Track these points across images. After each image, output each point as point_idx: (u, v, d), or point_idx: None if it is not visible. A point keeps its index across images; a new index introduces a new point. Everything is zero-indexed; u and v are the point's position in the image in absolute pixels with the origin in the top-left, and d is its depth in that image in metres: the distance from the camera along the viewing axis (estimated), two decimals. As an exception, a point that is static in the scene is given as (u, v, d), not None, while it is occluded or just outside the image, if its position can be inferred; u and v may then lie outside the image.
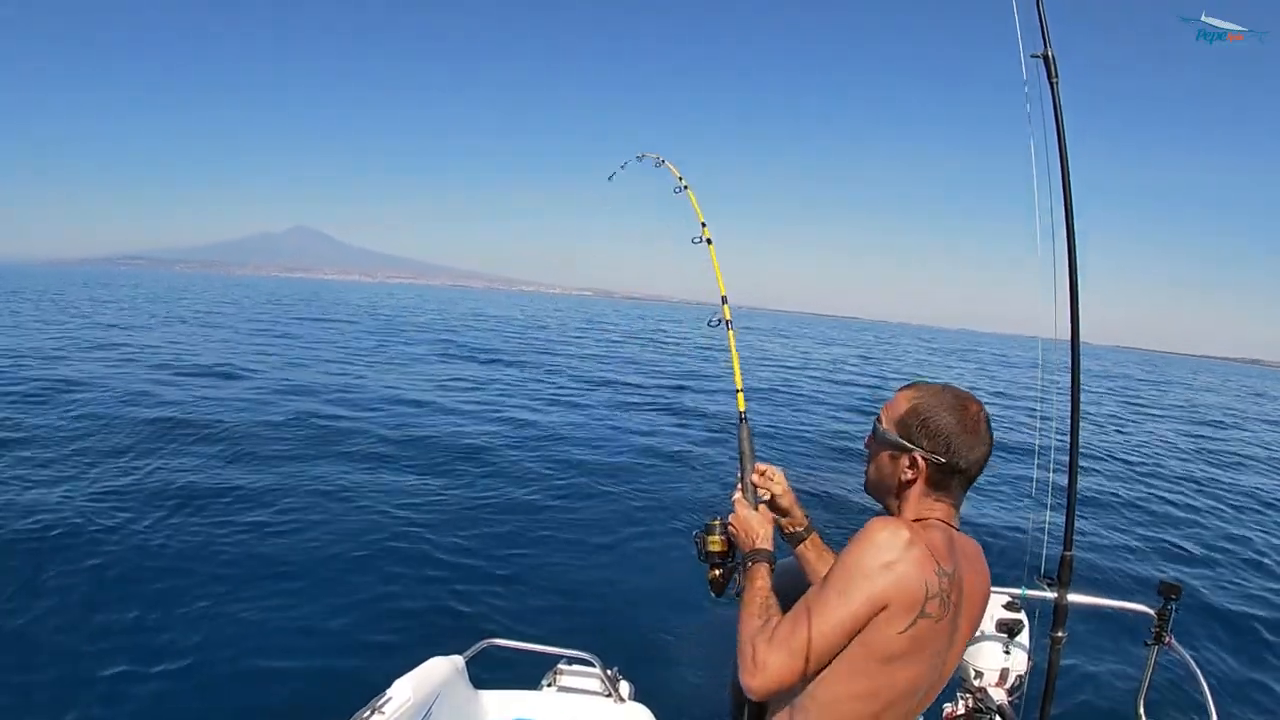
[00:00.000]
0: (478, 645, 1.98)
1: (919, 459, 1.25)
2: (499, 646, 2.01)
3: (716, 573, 1.56)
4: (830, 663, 1.17)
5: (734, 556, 1.54)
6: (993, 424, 1.29)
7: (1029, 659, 2.11)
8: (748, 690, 1.21)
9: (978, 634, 2.08)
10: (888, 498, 1.34)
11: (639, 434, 9.13)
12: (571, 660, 2.08)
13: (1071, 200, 1.93)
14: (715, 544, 1.55)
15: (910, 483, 1.27)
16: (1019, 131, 1.93)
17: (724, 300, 1.92)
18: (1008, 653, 2.08)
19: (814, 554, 1.64)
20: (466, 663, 1.90)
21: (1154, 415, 17.68)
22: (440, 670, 1.77)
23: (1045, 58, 1.92)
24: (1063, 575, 2.04)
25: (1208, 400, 25.98)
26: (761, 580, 1.37)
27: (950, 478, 1.25)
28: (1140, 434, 13.51)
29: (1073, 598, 2.05)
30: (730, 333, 1.90)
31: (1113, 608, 2.17)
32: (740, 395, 1.80)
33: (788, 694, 1.24)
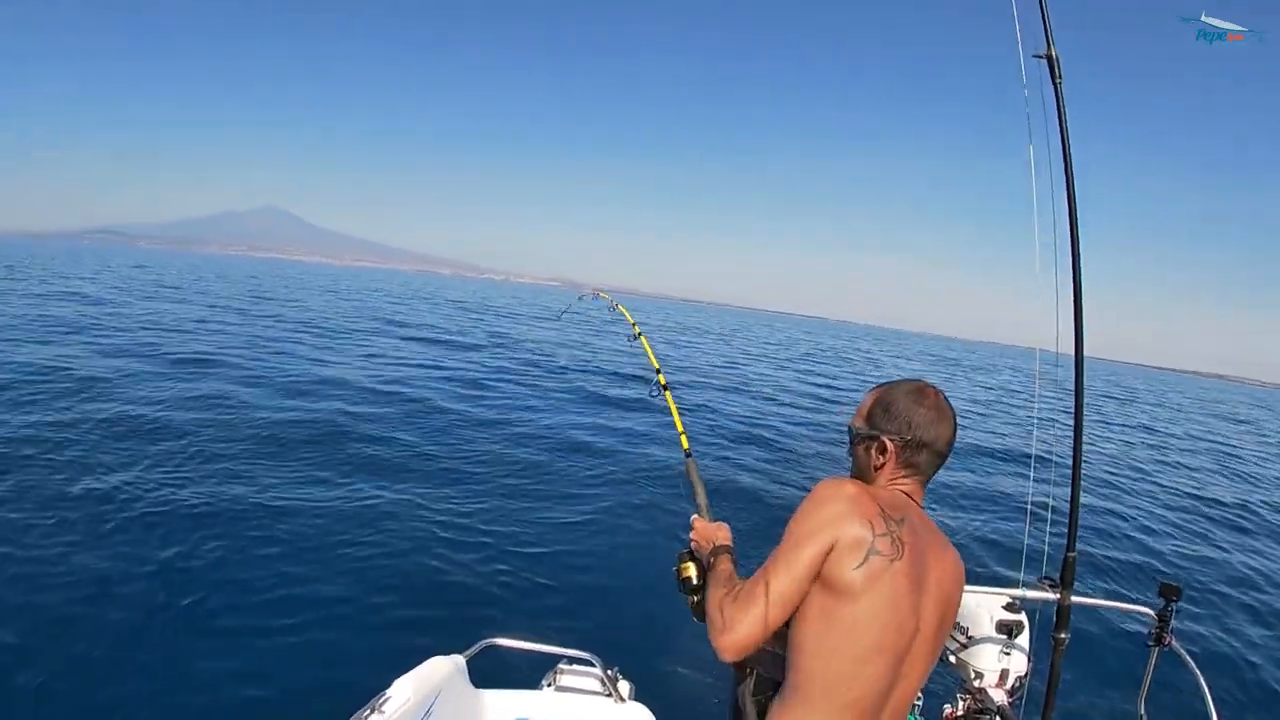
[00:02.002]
0: (478, 644, 1.98)
1: (886, 441, 1.36)
2: (499, 646, 2.01)
3: (695, 598, 1.59)
4: (797, 611, 1.24)
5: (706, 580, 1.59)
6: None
7: (1029, 660, 2.11)
8: (720, 651, 1.25)
9: (976, 635, 2.08)
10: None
11: (639, 430, 9.12)
12: (572, 660, 2.08)
13: (1075, 204, 1.91)
14: (687, 570, 1.61)
15: (882, 466, 1.37)
16: (1019, 133, 1.92)
17: (658, 371, 2.50)
18: (1007, 654, 2.07)
19: None
20: (467, 662, 1.90)
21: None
22: (441, 669, 1.77)
23: (1048, 58, 1.90)
24: (1065, 576, 2.03)
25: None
26: (724, 564, 1.45)
27: (918, 454, 1.35)
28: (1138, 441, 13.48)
29: (1074, 599, 2.04)
30: (668, 393, 2.34)
31: (1114, 609, 2.17)
32: (684, 436, 2.08)
33: (775, 665, 1.30)
